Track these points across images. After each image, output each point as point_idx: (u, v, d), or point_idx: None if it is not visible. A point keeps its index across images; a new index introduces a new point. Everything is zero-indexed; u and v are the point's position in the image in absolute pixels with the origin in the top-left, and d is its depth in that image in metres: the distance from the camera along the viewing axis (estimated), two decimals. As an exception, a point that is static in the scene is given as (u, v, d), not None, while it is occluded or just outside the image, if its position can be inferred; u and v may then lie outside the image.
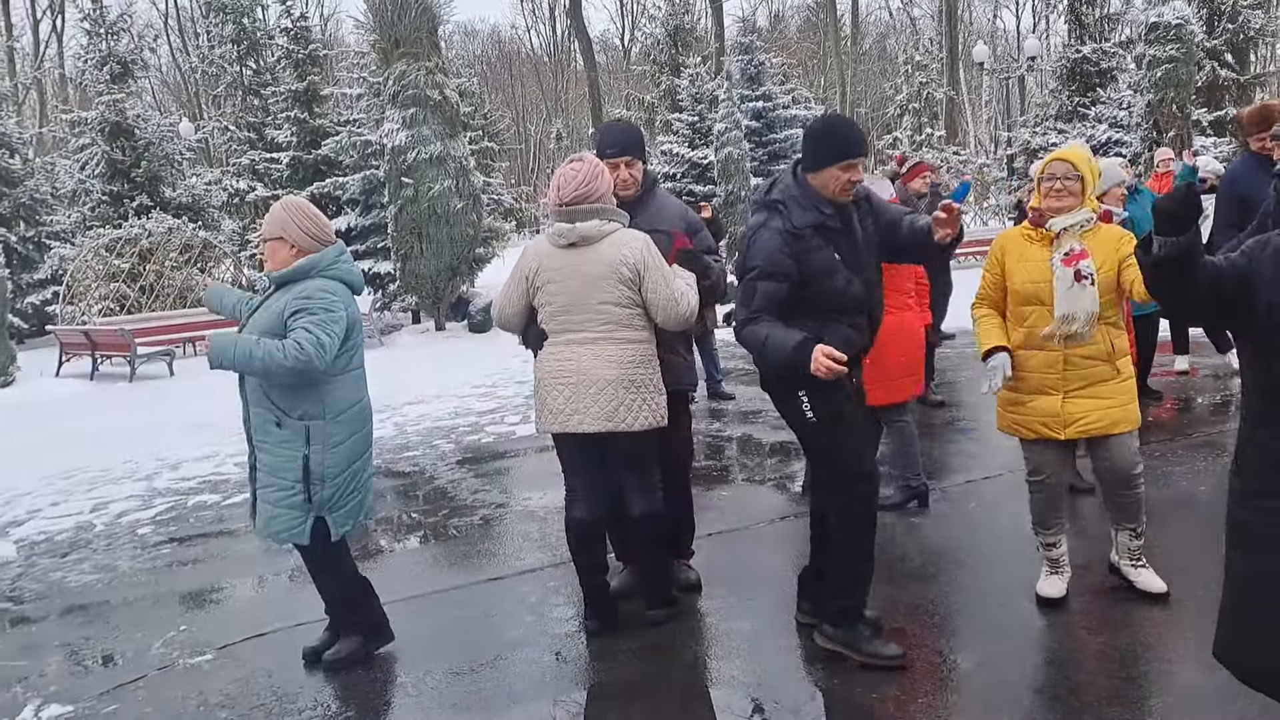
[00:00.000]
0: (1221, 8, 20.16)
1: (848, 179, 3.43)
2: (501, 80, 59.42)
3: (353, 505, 3.72)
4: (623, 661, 3.81)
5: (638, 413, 3.75)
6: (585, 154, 3.93)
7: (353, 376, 3.72)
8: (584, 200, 3.72)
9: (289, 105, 21.06)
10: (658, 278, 3.70)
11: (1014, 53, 43.66)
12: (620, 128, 4.28)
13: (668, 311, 3.72)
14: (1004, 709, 3.23)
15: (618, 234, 3.75)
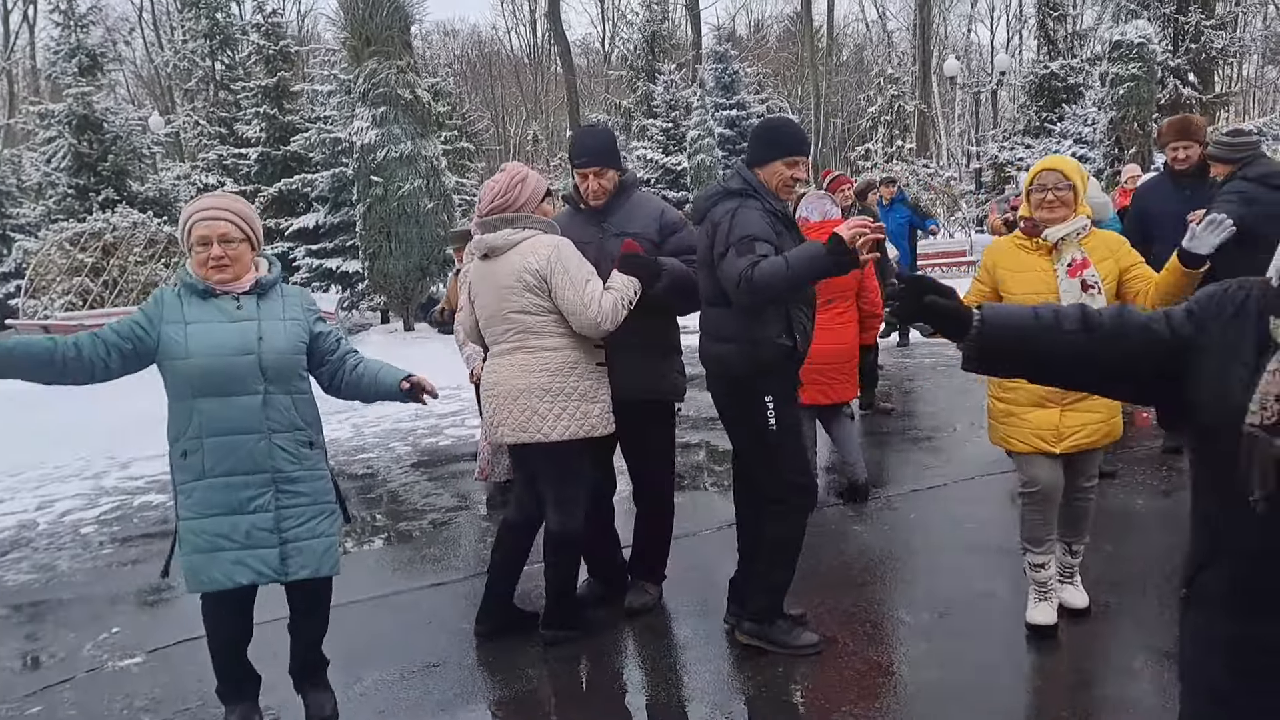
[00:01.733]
0: (1185, 27, 20.46)
1: (791, 175, 3.62)
2: (481, 81, 59.24)
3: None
4: (555, 669, 3.82)
5: (554, 422, 3.71)
6: (510, 163, 3.95)
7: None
8: (502, 210, 3.73)
9: (259, 101, 20.91)
10: (564, 283, 3.63)
11: (988, 67, 44.11)
12: (592, 135, 4.13)
13: (575, 319, 3.66)
14: (927, 714, 3.28)
15: (527, 242, 3.70)
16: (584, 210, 4.03)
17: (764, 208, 3.55)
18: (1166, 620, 3.65)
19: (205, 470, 3.08)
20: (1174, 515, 4.95)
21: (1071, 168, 3.64)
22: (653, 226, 3.96)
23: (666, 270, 3.81)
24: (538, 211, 3.80)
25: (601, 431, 3.81)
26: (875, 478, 5.92)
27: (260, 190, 19.46)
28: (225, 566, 3.11)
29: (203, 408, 3.07)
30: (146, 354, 3.06)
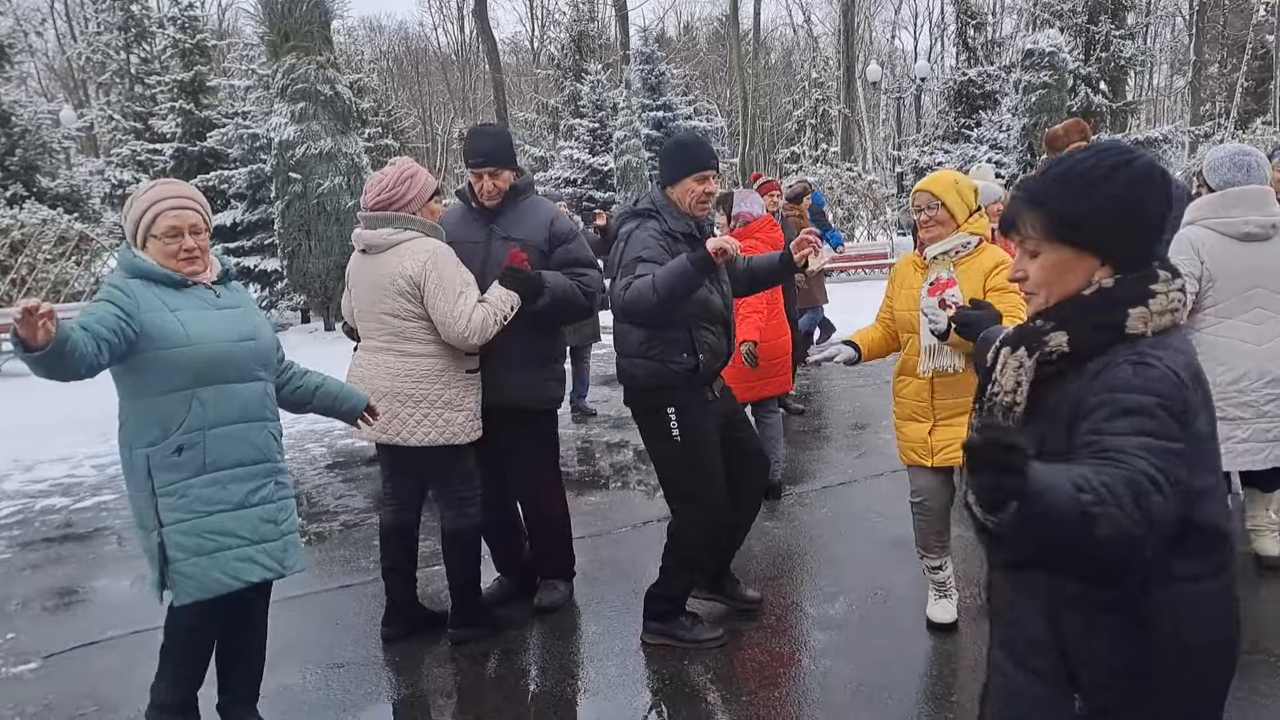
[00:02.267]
0: (1096, 37, 21.14)
1: (703, 190, 3.68)
2: (408, 77, 58.58)
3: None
4: (461, 667, 3.83)
5: (415, 428, 3.69)
6: (400, 158, 3.91)
7: None
8: (386, 206, 3.69)
9: (175, 95, 20.41)
10: (437, 292, 3.59)
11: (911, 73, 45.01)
12: (487, 135, 3.98)
13: (444, 330, 3.63)
14: (825, 701, 3.36)
15: (406, 244, 3.66)
16: (474, 208, 3.97)
17: (661, 228, 3.62)
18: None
19: (207, 464, 2.87)
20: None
21: (942, 187, 3.66)
22: (541, 234, 3.89)
23: (549, 288, 3.77)
24: (424, 211, 3.74)
25: (465, 439, 3.77)
26: (790, 475, 6.03)
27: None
28: (232, 565, 2.90)
29: (205, 397, 2.87)
30: (125, 348, 2.76)
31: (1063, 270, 1.64)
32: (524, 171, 4.05)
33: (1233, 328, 4.09)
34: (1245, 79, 40.52)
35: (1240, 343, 4.07)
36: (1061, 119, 17.79)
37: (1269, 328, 4.07)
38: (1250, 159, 4.11)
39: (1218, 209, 4.08)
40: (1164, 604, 1.61)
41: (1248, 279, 4.05)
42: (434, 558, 5.03)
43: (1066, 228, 1.63)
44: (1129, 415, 1.48)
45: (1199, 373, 1.60)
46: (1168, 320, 1.59)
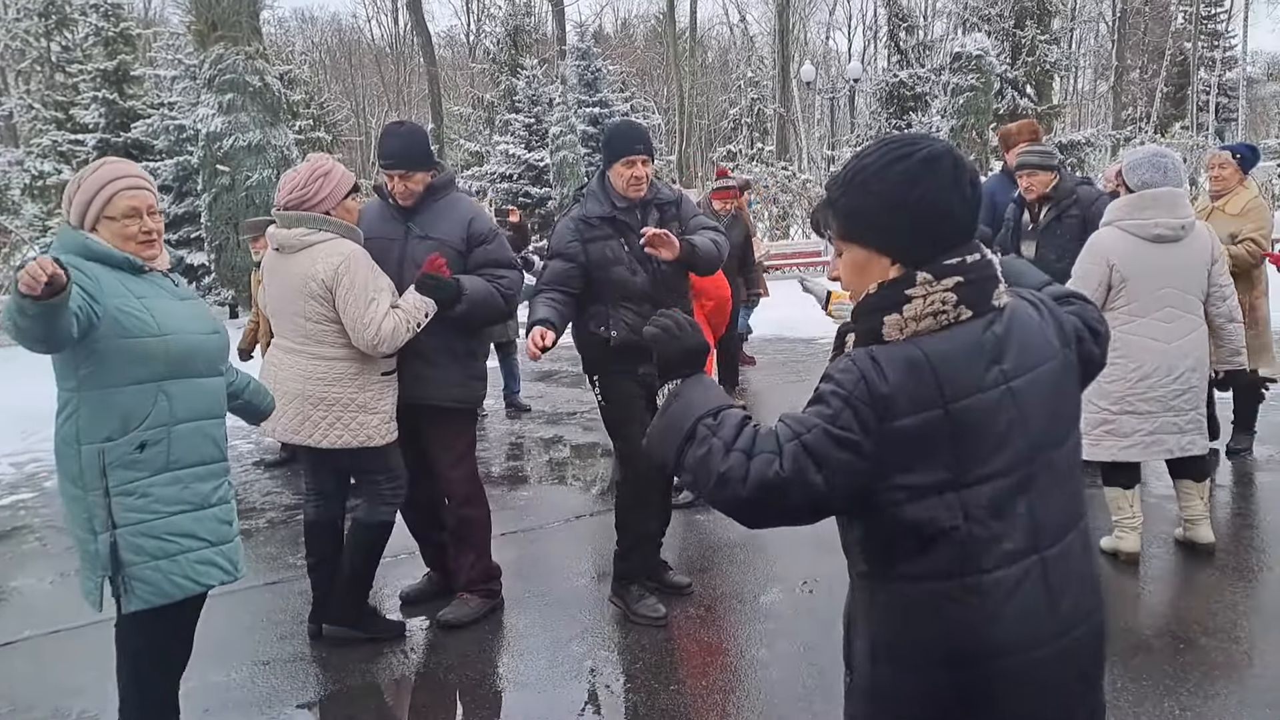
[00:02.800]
0: (1022, 41, 21.67)
1: (630, 174, 3.86)
2: (341, 70, 57.73)
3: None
4: (390, 662, 3.82)
5: (326, 431, 3.66)
6: (315, 155, 3.88)
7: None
8: (298, 205, 3.64)
9: (99, 85, 19.85)
10: (348, 298, 3.56)
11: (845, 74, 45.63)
12: (397, 136, 3.85)
13: (353, 336, 3.60)
14: (756, 694, 3.42)
15: (320, 246, 3.61)
16: (391, 205, 3.89)
17: (580, 214, 3.93)
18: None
19: (170, 462, 2.71)
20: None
21: None
22: (459, 233, 3.82)
23: (466, 295, 3.73)
24: (339, 209, 3.68)
25: (379, 441, 3.74)
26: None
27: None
28: (193, 569, 2.75)
29: (172, 391, 2.71)
30: (83, 333, 2.53)
31: (860, 270, 1.63)
32: (442, 168, 3.97)
33: (1144, 326, 4.24)
34: (1165, 84, 41.88)
35: (1151, 340, 4.23)
36: (988, 121, 18.26)
37: (1178, 326, 4.24)
38: (1166, 160, 4.25)
39: (1133, 210, 4.23)
40: (885, 598, 1.64)
41: (1159, 279, 4.21)
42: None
43: (852, 226, 1.62)
44: (813, 401, 1.57)
45: (928, 373, 1.53)
46: (929, 324, 1.55)
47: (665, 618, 4.00)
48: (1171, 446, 4.32)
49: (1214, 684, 3.37)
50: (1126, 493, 4.44)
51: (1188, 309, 4.27)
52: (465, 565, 4.12)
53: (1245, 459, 5.85)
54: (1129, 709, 3.22)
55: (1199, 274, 4.28)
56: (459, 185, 4.18)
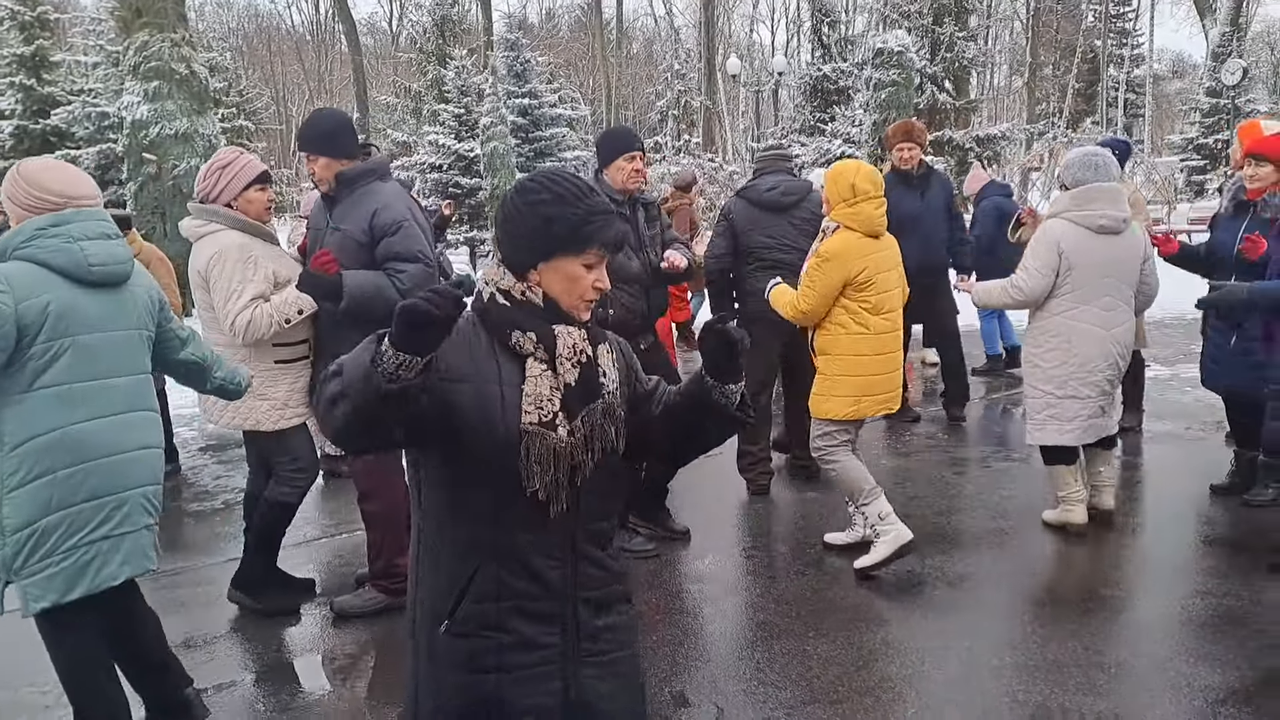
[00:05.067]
0: (941, 38, 22.34)
1: (631, 168, 4.33)
2: (260, 56, 56.52)
3: (57, 572, 2.78)
4: (330, 637, 4.02)
5: (220, 412, 3.92)
6: (224, 148, 4.04)
7: (42, 397, 2.73)
8: (200, 198, 3.87)
9: (14, 70, 19.32)
10: (215, 290, 3.74)
11: (769, 67, 46.24)
12: (311, 120, 3.91)
13: (220, 326, 3.79)
14: (698, 650, 3.72)
15: (207, 238, 3.79)
16: (323, 196, 3.92)
17: None
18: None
19: None
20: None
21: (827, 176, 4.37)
22: (362, 225, 3.74)
23: (347, 290, 3.64)
24: (240, 201, 3.83)
25: (268, 426, 3.91)
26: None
27: (16, 164, 18.04)
28: None
29: None
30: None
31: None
32: (362, 158, 3.89)
33: (1086, 314, 4.50)
34: (1076, 80, 43.34)
35: (1090, 327, 4.49)
36: (909, 115, 18.82)
37: (1116, 315, 4.52)
38: (1098, 158, 4.53)
39: (1080, 203, 4.48)
40: None
41: (1101, 269, 4.47)
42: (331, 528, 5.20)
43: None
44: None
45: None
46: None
47: (656, 550, 4.64)
48: (1103, 427, 4.64)
49: (1111, 624, 3.76)
50: (1070, 468, 4.71)
51: (1124, 299, 4.54)
52: (370, 557, 4.16)
53: (1137, 434, 6.32)
54: (1037, 649, 3.59)
55: (1134, 266, 4.54)
56: (391, 176, 4.02)
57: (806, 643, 3.71)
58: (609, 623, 1.91)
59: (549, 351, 1.80)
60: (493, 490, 1.78)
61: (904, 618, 3.93)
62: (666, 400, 1.95)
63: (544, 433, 1.76)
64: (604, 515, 1.90)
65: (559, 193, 1.80)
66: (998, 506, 5.18)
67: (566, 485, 1.78)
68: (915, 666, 3.50)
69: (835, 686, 3.38)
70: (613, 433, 1.85)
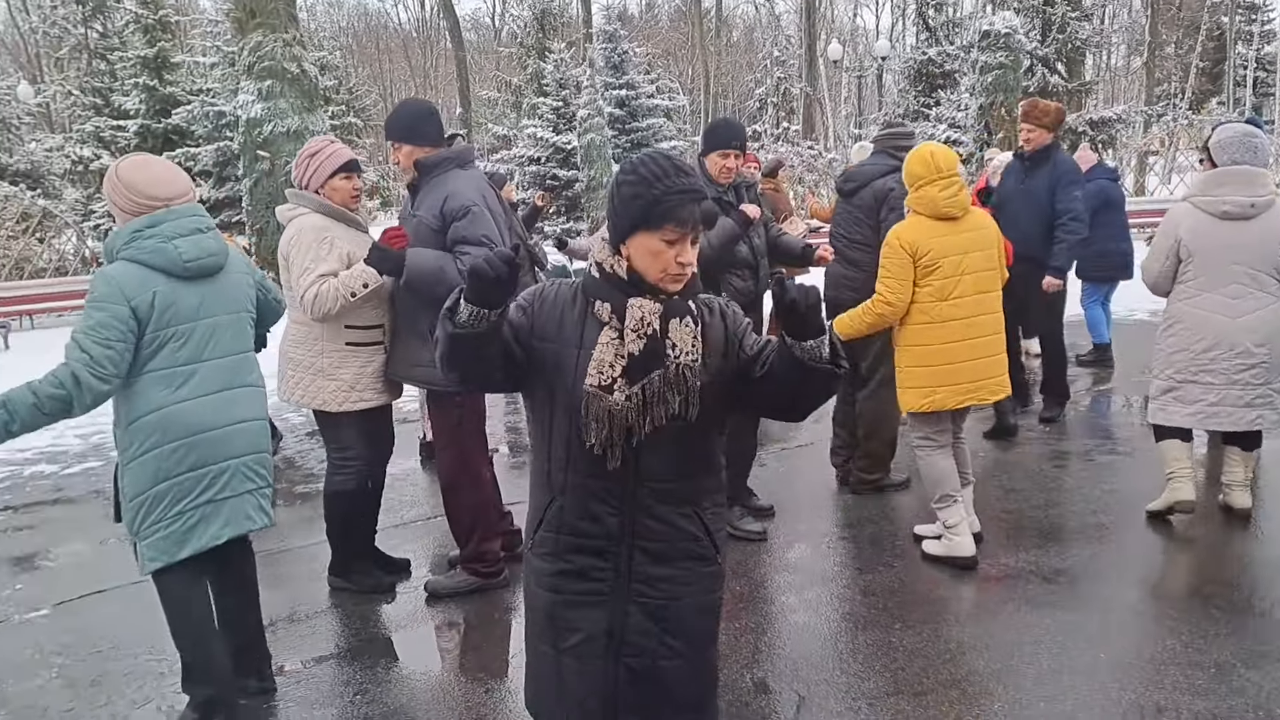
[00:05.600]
0: (1052, 19, 21.60)
1: (724, 164, 4.41)
2: (368, 54, 58.06)
3: (167, 535, 3.03)
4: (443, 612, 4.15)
5: (291, 389, 4.02)
6: (316, 138, 4.17)
7: (150, 380, 2.98)
8: (295, 183, 4.05)
9: (138, 71, 20.30)
10: (290, 267, 3.88)
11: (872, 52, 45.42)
12: (396, 111, 4.07)
13: (292, 302, 3.93)
14: (783, 637, 3.71)
15: (293, 221, 3.97)
16: (408, 184, 4.05)
17: None
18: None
19: None
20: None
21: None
22: (435, 211, 3.84)
23: (407, 265, 3.77)
24: (326, 188, 3.97)
25: (334, 408, 3.97)
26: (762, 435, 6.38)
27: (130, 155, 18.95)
28: None
29: None
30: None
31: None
32: (437, 148, 3.96)
33: (1210, 301, 4.33)
34: (1200, 59, 41.34)
35: (1214, 315, 4.32)
36: (1017, 99, 18.28)
37: (1244, 303, 4.30)
38: (1257, 141, 4.30)
39: (1207, 187, 4.33)
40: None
41: (1226, 255, 4.29)
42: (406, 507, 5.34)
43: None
44: (750, 328, 2.13)
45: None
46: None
47: (764, 531, 4.72)
48: (1236, 420, 4.41)
49: (1213, 624, 3.62)
50: (1183, 445, 4.59)
51: (1258, 286, 4.30)
52: (460, 542, 4.29)
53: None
54: (1133, 647, 3.48)
55: (1271, 251, 4.29)
56: (474, 165, 4.09)
57: (892, 634, 3.67)
58: (667, 574, 2.07)
59: (620, 321, 1.98)
60: (565, 438, 2.03)
61: (995, 612, 3.85)
62: (770, 361, 2.04)
63: (601, 395, 1.95)
64: (672, 476, 2.05)
65: (643, 174, 1.96)
66: (1099, 501, 5.02)
67: (621, 443, 1.97)
68: (1004, 661, 3.43)
69: (920, 679, 3.34)
70: (677, 401, 1.98)
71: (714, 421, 2.08)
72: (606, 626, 2.07)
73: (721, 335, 2.07)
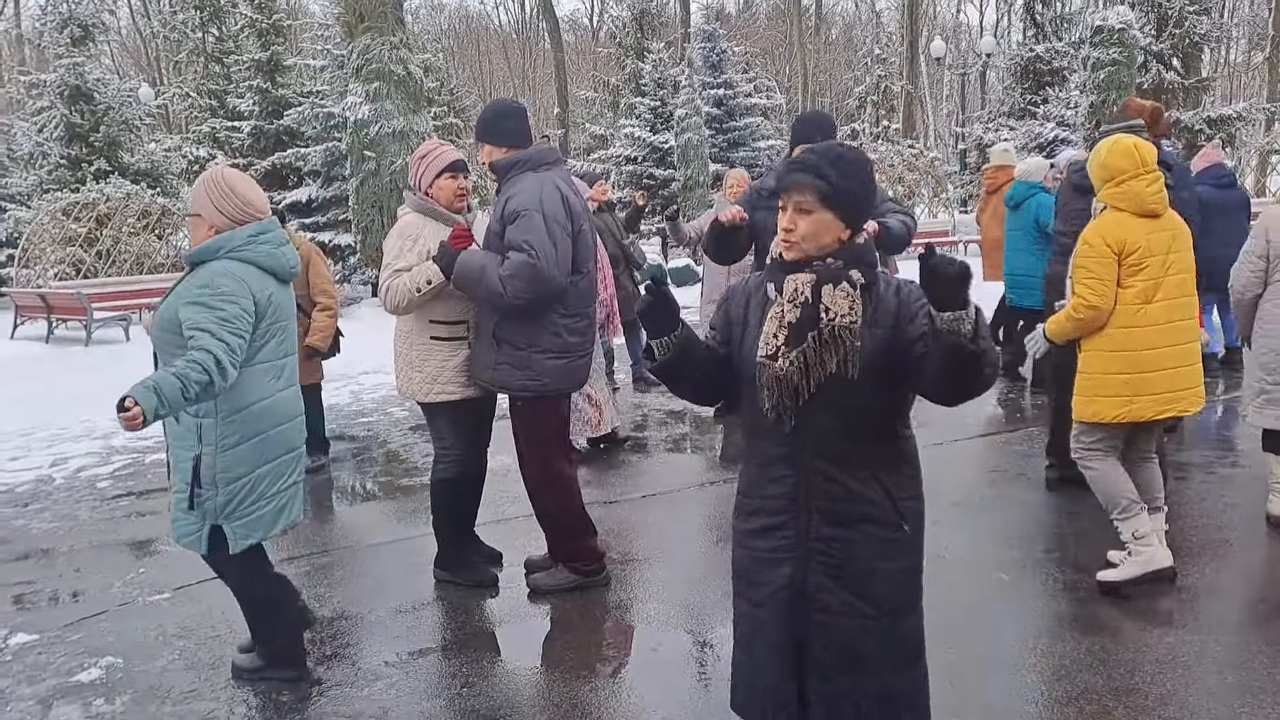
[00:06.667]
0: (1169, 13, 20.77)
1: None
2: (469, 56, 59.08)
3: (259, 516, 3.28)
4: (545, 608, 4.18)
5: (397, 378, 4.24)
6: (427, 141, 4.32)
7: (258, 371, 3.22)
8: (411, 184, 4.20)
9: (251, 74, 20.99)
10: (384, 261, 4.05)
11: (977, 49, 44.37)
12: (482, 113, 4.10)
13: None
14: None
15: (399, 221, 4.17)
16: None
17: (758, 184, 4.72)
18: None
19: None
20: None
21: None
22: (498, 213, 3.90)
23: (459, 262, 3.84)
24: (433, 188, 4.09)
25: (422, 398, 4.13)
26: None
27: (253, 164, 19.63)
28: None
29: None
30: None
31: (825, 228, 2.17)
32: (520, 148, 3.96)
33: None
34: (1326, 54, 39.27)
35: None
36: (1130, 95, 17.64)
37: None
38: None
39: None
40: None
41: None
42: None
43: (837, 197, 2.15)
44: (926, 308, 2.08)
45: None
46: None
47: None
48: None
49: (1354, 652, 3.43)
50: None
51: None
52: (550, 543, 4.34)
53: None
54: (1264, 671, 3.31)
55: None
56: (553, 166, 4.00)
57: (1004, 648, 3.57)
58: (843, 535, 2.21)
59: (782, 297, 2.21)
60: (750, 408, 2.29)
61: (1115, 628, 3.71)
62: (928, 338, 2.10)
63: (769, 364, 2.19)
64: (841, 440, 2.19)
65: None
66: (1221, 515, 4.81)
67: (792, 406, 2.18)
68: (1124, 680, 3.30)
69: (1033, 693, 3.24)
70: (834, 361, 2.14)
71: (887, 389, 2.19)
72: (789, 582, 2.25)
73: (893, 308, 2.18)
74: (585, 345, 4.07)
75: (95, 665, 3.78)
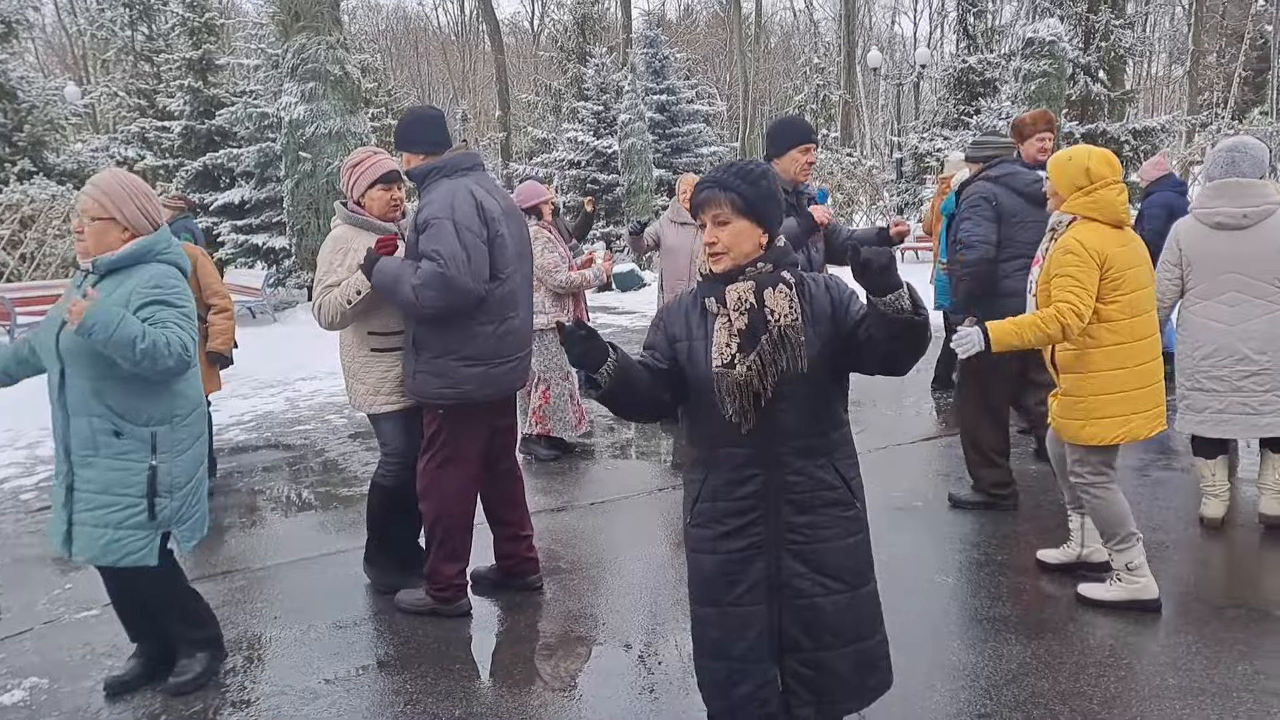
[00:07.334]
0: (1096, 26, 21.30)
1: (805, 160, 4.29)
2: (407, 57, 58.45)
3: (199, 516, 3.38)
4: (486, 619, 4.10)
5: (350, 391, 4.18)
6: (360, 148, 4.18)
7: (193, 373, 3.31)
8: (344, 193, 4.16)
9: (183, 73, 20.50)
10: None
11: (911, 59, 45.09)
12: (400, 123, 3.99)
13: None
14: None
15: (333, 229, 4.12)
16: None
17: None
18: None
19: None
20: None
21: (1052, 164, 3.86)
22: (413, 221, 3.83)
23: (377, 269, 3.77)
24: (365, 199, 4.02)
25: (367, 409, 4.12)
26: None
27: (184, 164, 19.17)
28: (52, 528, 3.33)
29: (48, 376, 3.28)
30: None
31: (744, 236, 2.38)
32: (436, 155, 3.89)
33: (1207, 309, 4.49)
34: (1243, 69, 40.69)
35: (1213, 323, 4.47)
36: (1060, 107, 18.06)
37: (1242, 310, 4.42)
38: (1235, 154, 4.45)
39: (1205, 199, 4.50)
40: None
41: (1221, 264, 4.43)
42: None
43: (750, 205, 2.36)
44: (855, 296, 2.41)
45: None
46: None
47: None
48: (1248, 427, 4.51)
49: (1287, 652, 3.51)
50: (1209, 462, 4.72)
51: (1256, 294, 4.40)
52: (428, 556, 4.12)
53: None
54: (1203, 672, 3.38)
55: (1270, 261, 4.38)
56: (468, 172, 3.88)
57: (951, 654, 3.59)
58: (811, 520, 2.40)
59: (725, 307, 2.36)
60: (706, 417, 2.41)
61: (1057, 632, 3.75)
62: (869, 323, 2.28)
63: (727, 372, 2.33)
64: (804, 432, 2.38)
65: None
66: (1157, 518, 4.91)
67: (753, 409, 2.33)
68: (1069, 684, 3.34)
69: (982, 700, 3.26)
70: (786, 358, 2.32)
71: (832, 379, 2.42)
72: (765, 574, 2.40)
73: (828, 303, 2.39)
74: (507, 351, 3.89)
75: (18, 687, 3.62)
